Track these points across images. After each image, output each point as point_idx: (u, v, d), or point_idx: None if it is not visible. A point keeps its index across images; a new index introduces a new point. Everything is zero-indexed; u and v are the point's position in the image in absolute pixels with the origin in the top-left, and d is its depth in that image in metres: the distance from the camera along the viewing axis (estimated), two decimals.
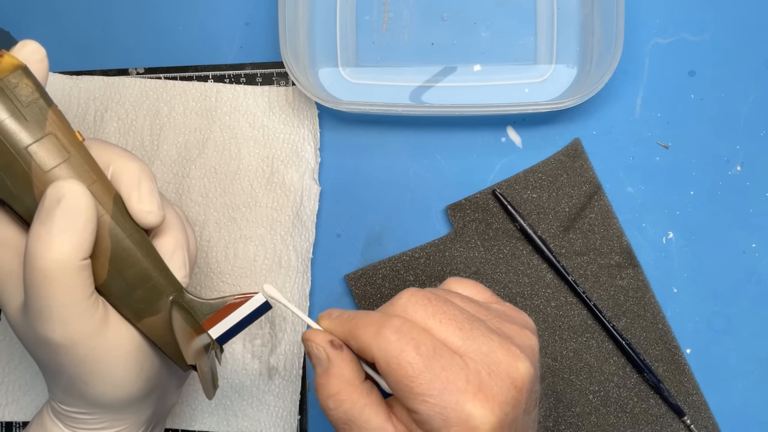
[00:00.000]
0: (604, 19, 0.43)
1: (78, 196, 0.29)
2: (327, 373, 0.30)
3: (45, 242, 0.28)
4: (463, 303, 0.32)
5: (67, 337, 0.29)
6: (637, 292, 0.44)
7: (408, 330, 0.28)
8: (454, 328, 0.29)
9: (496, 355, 0.29)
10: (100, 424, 0.33)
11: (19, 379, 0.46)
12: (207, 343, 0.33)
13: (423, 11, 0.46)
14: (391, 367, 0.28)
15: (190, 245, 0.35)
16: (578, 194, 0.44)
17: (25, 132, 0.29)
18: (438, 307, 0.30)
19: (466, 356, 0.28)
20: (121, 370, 0.31)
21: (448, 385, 0.27)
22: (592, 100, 0.45)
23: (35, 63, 0.30)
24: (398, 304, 0.30)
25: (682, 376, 0.43)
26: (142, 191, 0.31)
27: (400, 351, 0.28)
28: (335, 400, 0.29)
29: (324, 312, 0.32)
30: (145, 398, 0.34)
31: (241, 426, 0.45)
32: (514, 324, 0.32)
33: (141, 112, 0.46)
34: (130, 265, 0.31)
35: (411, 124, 0.46)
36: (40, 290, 0.28)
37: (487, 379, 0.28)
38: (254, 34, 0.47)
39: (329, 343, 0.30)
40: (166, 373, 0.35)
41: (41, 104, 0.30)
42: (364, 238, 0.46)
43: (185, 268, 0.33)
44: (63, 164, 0.29)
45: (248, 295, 0.33)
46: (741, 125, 0.44)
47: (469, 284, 0.35)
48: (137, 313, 0.32)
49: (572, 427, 0.43)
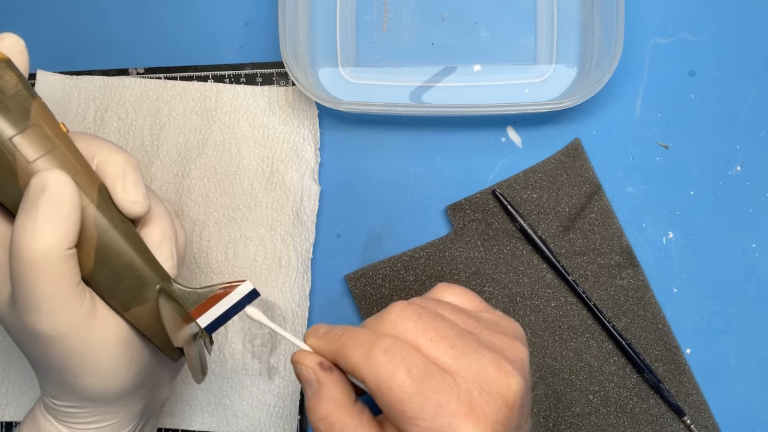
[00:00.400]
0: (604, 19, 0.43)
1: (62, 186, 0.29)
2: (317, 396, 0.30)
3: (30, 232, 0.28)
4: (453, 315, 0.31)
5: (54, 328, 0.29)
6: (637, 292, 0.44)
7: (398, 351, 0.28)
8: (445, 346, 0.29)
9: (488, 373, 0.28)
10: (91, 417, 0.33)
11: (19, 379, 0.46)
12: (195, 332, 0.33)
13: (423, 11, 0.46)
14: (382, 390, 0.27)
15: (179, 238, 0.35)
16: (578, 194, 0.44)
17: (8, 123, 0.29)
18: (429, 324, 0.29)
19: (457, 375, 0.28)
20: (110, 362, 0.31)
21: (440, 408, 0.27)
22: (592, 100, 0.45)
23: (15, 55, 0.31)
24: (388, 320, 0.30)
25: (682, 376, 0.43)
26: (127, 181, 0.31)
27: (391, 374, 0.27)
28: (326, 423, 0.29)
29: (311, 329, 0.32)
30: (135, 391, 0.34)
31: (241, 426, 0.45)
32: (505, 335, 0.31)
33: (141, 112, 0.46)
34: (116, 255, 0.31)
35: (411, 124, 0.46)
36: (26, 281, 0.28)
37: (478, 398, 0.28)
38: (254, 34, 0.47)
39: (319, 366, 0.30)
40: (156, 365, 0.35)
41: (25, 96, 0.30)
42: (364, 238, 0.46)
43: (173, 259, 0.33)
44: (47, 155, 0.30)
45: (236, 283, 0.33)
46: (741, 125, 0.44)
47: (459, 291, 0.34)
48: (124, 304, 0.32)
49: (572, 427, 0.43)
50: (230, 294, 0.33)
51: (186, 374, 0.45)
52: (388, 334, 0.29)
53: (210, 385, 0.46)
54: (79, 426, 0.33)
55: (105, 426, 0.34)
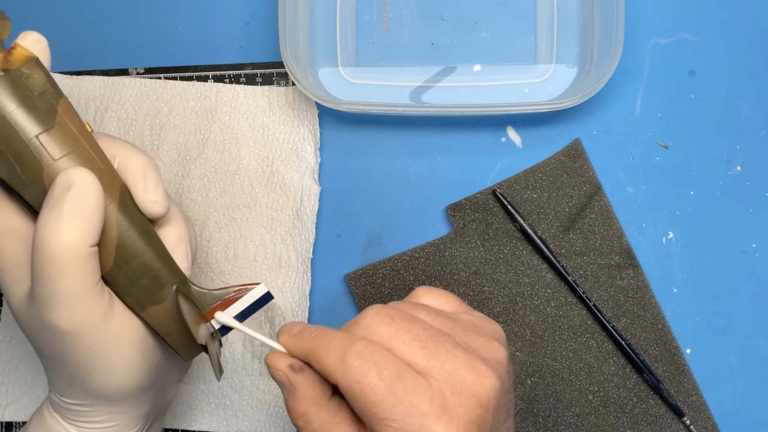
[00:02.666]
0: (604, 19, 0.43)
1: (87, 184, 0.29)
2: (292, 396, 0.30)
3: (54, 228, 0.28)
4: (429, 317, 0.31)
5: (73, 324, 0.30)
6: (637, 292, 0.44)
7: (371, 354, 0.28)
8: (417, 347, 0.29)
9: (461, 373, 0.28)
10: (99, 416, 0.33)
11: (19, 379, 0.46)
12: (210, 333, 0.33)
13: (423, 11, 0.46)
14: (354, 392, 0.28)
15: (192, 241, 0.35)
16: (578, 194, 0.44)
17: (36, 121, 0.29)
18: (401, 326, 0.29)
19: (429, 376, 0.28)
20: (124, 360, 0.32)
21: (411, 409, 0.27)
22: (592, 100, 0.45)
23: (38, 52, 0.31)
24: (362, 324, 0.30)
25: (682, 376, 0.43)
26: (148, 182, 0.32)
27: (362, 377, 0.27)
28: (304, 420, 0.30)
29: (284, 326, 0.32)
30: (145, 391, 0.34)
31: (241, 426, 0.45)
32: (482, 336, 0.31)
33: (141, 112, 0.46)
34: (135, 254, 0.31)
35: (411, 124, 0.46)
36: (48, 276, 0.29)
37: (451, 399, 0.28)
38: (254, 34, 0.47)
39: (289, 368, 0.30)
40: (167, 365, 0.35)
41: (52, 94, 0.30)
42: (364, 238, 0.46)
43: (188, 260, 0.34)
44: (72, 153, 0.30)
45: (250, 286, 0.33)
46: (741, 125, 0.44)
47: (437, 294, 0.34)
48: (141, 303, 0.32)
49: (572, 427, 0.43)
50: (245, 296, 0.33)
51: (186, 374, 0.45)
52: (362, 337, 0.29)
53: (210, 385, 0.46)
54: (86, 425, 0.34)
55: (112, 426, 0.34)
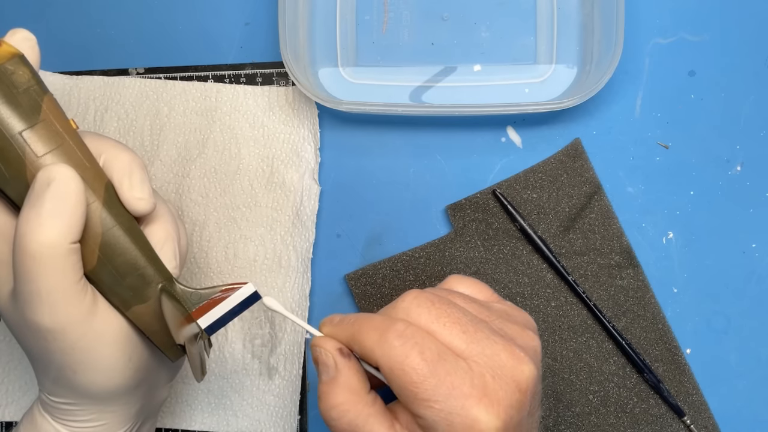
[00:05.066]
0: (604, 19, 0.43)
1: (67, 180, 0.29)
2: (334, 382, 0.30)
3: (34, 225, 0.28)
4: (465, 303, 0.31)
5: (55, 322, 0.29)
6: (637, 292, 0.44)
7: (412, 334, 0.28)
8: (458, 331, 0.29)
9: (500, 358, 0.29)
10: (87, 415, 0.33)
11: (19, 379, 0.46)
12: (196, 332, 0.33)
13: (423, 11, 0.46)
14: (396, 372, 0.28)
15: (181, 239, 0.35)
16: (578, 194, 0.44)
17: (20, 117, 0.29)
18: (442, 310, 0.29)
19: (470, 360, 0.28)
20: (109, 359, 0.31)
21: (453, 390, 0.27)
22: (592, 100, 0.45)
23: (27, 50, 0.31)
24: (401, 307, 0.30)
25: (682, 376, 0.43)
26: (133, 179, 0.32)
27: (404, 356, 0.28)
28: (339, 411, 0.29)
29: (326, 318, 0.32)
30: (133, 390, 0.34)
31: (241, 426, 0.45)
32: (516, 324, 0.32)
33: (141, 112, 0.46)
34: (120, 252, 0.31)
35: (411, 124, 0.46)
36: (29, 273, 0.28)
37: (491, 382, 0.28)
38: (254, 34, 0.47)
39: (338, 351, 0.30)
40: (155, 364, 0.35)
41: (37, 91, 0.30)
42: (364, 238, 0.46)
43: (175, 259, 0.33)
44: (56, 150, 0.30)
45: (237, 285, 0.33)
46: (741, 125, 0.44)
47: (471, 282, 0.35)
48: (126, 302, 0.32)
49: (572, 427, 0.43)
50: (232, 296, 0.33)
51: (186, 374, 0.45)
52: (402, 319, 0.29)
53: (210, 385, 0.46)
54: (75, 424, 0.33)
55: (101, 425, 0.34)
